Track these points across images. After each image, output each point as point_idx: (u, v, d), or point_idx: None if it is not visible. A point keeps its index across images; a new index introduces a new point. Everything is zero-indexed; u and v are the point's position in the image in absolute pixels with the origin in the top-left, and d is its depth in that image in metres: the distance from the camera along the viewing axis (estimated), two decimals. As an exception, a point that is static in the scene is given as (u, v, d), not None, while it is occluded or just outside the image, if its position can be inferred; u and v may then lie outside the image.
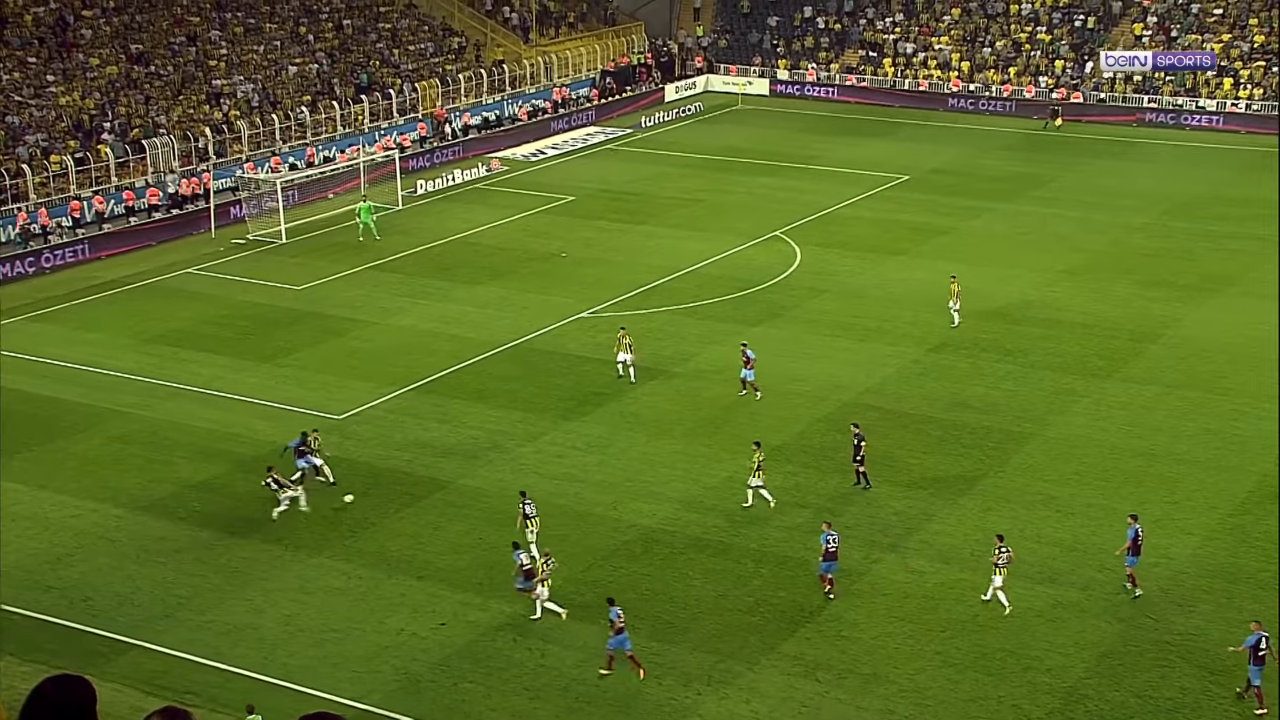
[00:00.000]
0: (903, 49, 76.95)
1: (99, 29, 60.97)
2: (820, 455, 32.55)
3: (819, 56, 78.22)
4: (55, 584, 26.88)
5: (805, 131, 68.79)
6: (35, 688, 4.71)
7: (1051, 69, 73.16)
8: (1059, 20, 75.30)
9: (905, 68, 75.94)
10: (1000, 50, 75.13)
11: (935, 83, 74.31)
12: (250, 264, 47.90)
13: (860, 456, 30.73)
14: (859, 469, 30.79)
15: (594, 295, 44.07)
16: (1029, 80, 72.74)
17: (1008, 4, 77.35)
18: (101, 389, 36.54)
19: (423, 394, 36.32)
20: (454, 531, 29.14)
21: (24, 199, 49.29)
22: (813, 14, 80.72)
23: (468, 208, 55.27)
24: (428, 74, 67.60)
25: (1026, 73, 73.40)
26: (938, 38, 76.97)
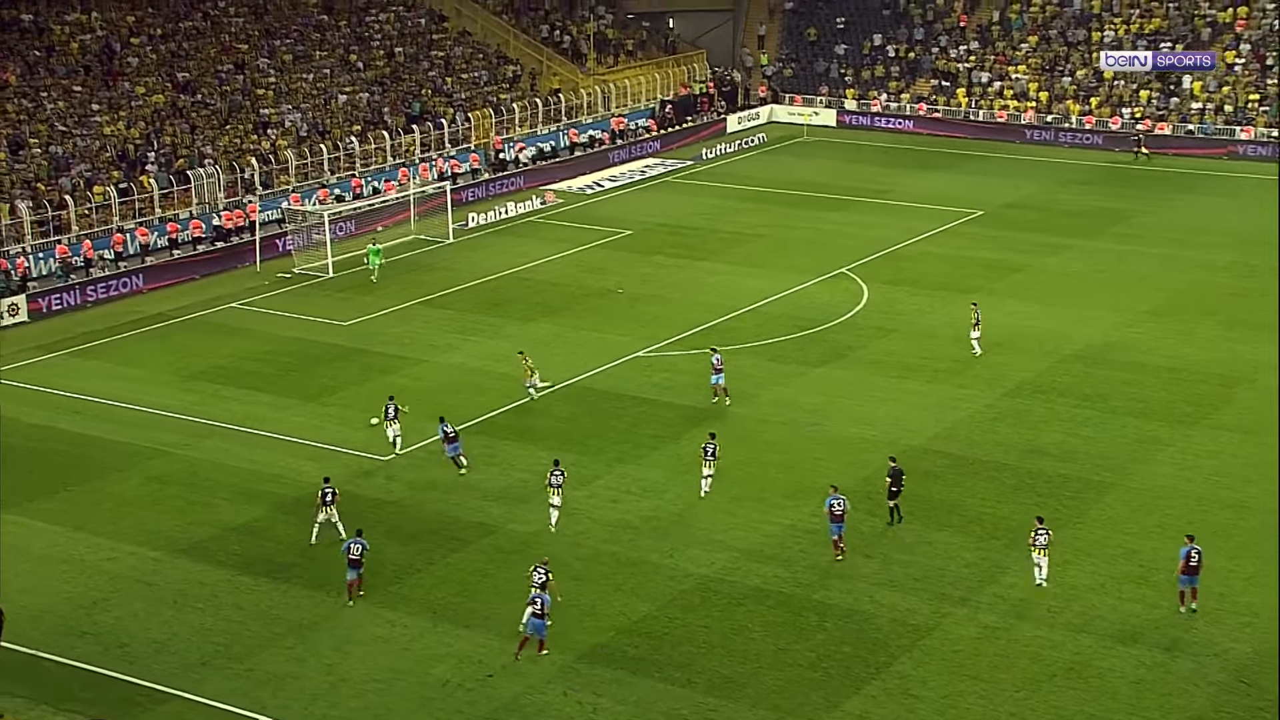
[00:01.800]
0: (977, 78, 76.80)
1: (145, 56, 62.29)
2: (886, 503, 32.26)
3: (889, 86, 78.25)
4: (90, 629, 27.19)
5: (873, 164, 68.75)
6: None
7: (1136, 99, 72.67)
8: (1144, 47, 74.78)
9: (980, 98, 75.77)
10: (1081, 80, 74.77)
11: (1012, 114, 74.05)
12: (296, 299, 48.51)
13: (897, 490, 31.01)
14: (893, 504, 31.10)
15: (651, 333, 44.15)
16: (1111, 111, 72.28)
17: (1089, 31, 77.03)
18: (141, 427, 37.06)
19: (472, 435, 36.48)
20: (502, 579, 29.18)
21: (66, 230, 50.29)
22: (883, 42, 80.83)
23: (521, 241, 55.69)
24: (481, 103, 68.37)
25: (1108, 103, 72.96)
26: (1014, 66, 76.76)
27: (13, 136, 53.81)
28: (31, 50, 59.31)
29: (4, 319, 45.31)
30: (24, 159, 53.13)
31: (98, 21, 62.55)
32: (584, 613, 27.67)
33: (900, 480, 31.30)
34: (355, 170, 60.16)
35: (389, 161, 61.46)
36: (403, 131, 63.37)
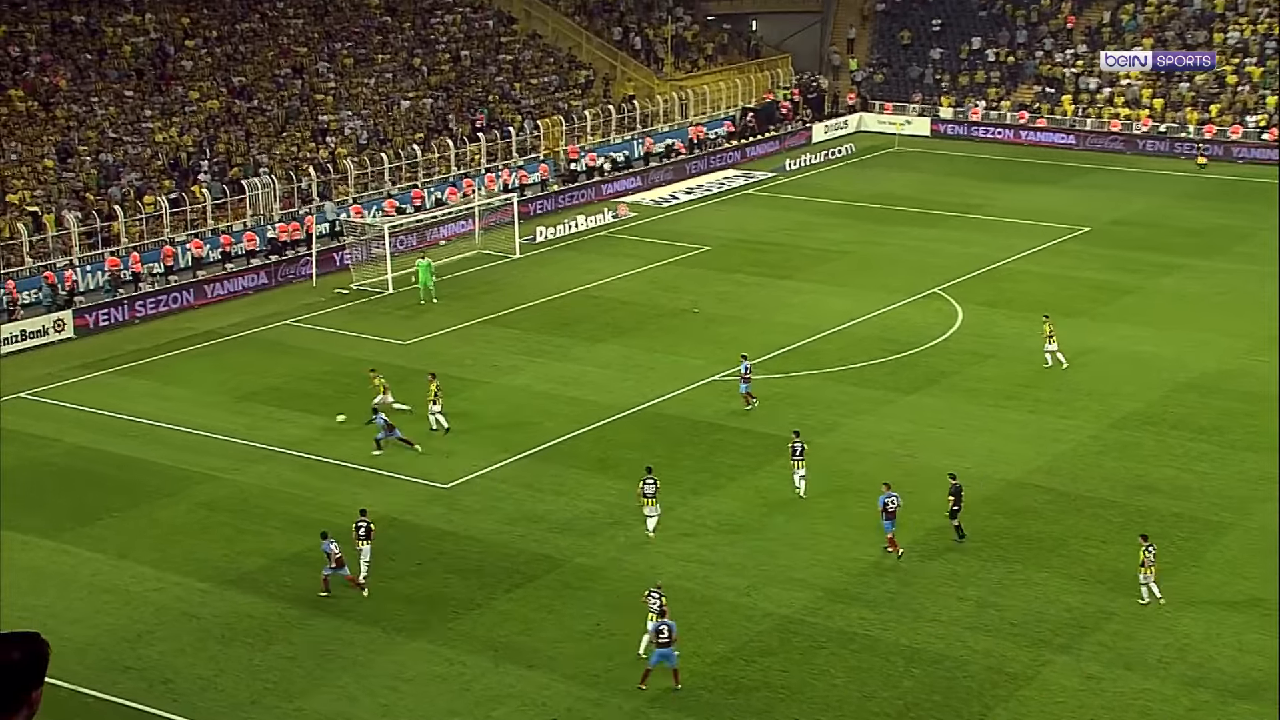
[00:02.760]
0: (1085, 84, 76.15)
1: (200, 60, 63.49)
2: (982, 541, 32.00)
3: (988, 93, 77.82)
4: (134, 664, 27.60)
5: (970, 177, 68.34)
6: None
7: (1263, 105, 71.58)
8: (1274, 50, 73.61)
9: (1088, 105, 75.10)
10: (1200, 85, 73.81)
11: (1123, 122, 73.30)
12: (353, 316, 49.09)
13: (958, 508, 31.58)
14: (954, 522, 31.65)
15: (729, 356, 44.11)
16: (1234, 119, 71.28)
17: (1211, 33, 76.05)
18: (190, 450, 37.65)
19: (538, 462, 36.68)
20: (568, 616, 29.27)
21: (115, 242, 51.29)
22: (982, 45, 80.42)
23: (591, 257, 55.96)
24: (551, 110, 68.88)
25: (1231, 110, 71.95)
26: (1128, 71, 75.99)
27: (62, 144, 55.05)
28: (83, 53, 60.68)
29: (50, 335, 46.25)
30: (73, 167, 54.32)
31: (151, 23, 63.87)
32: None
33: (960, 498, 31.79)
34: (417, 180, 60.85)
35: (453, 171, 62.09)
36: (468, 140, 64.01)
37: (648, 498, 32.24)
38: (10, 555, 31.88)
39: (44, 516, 33.64)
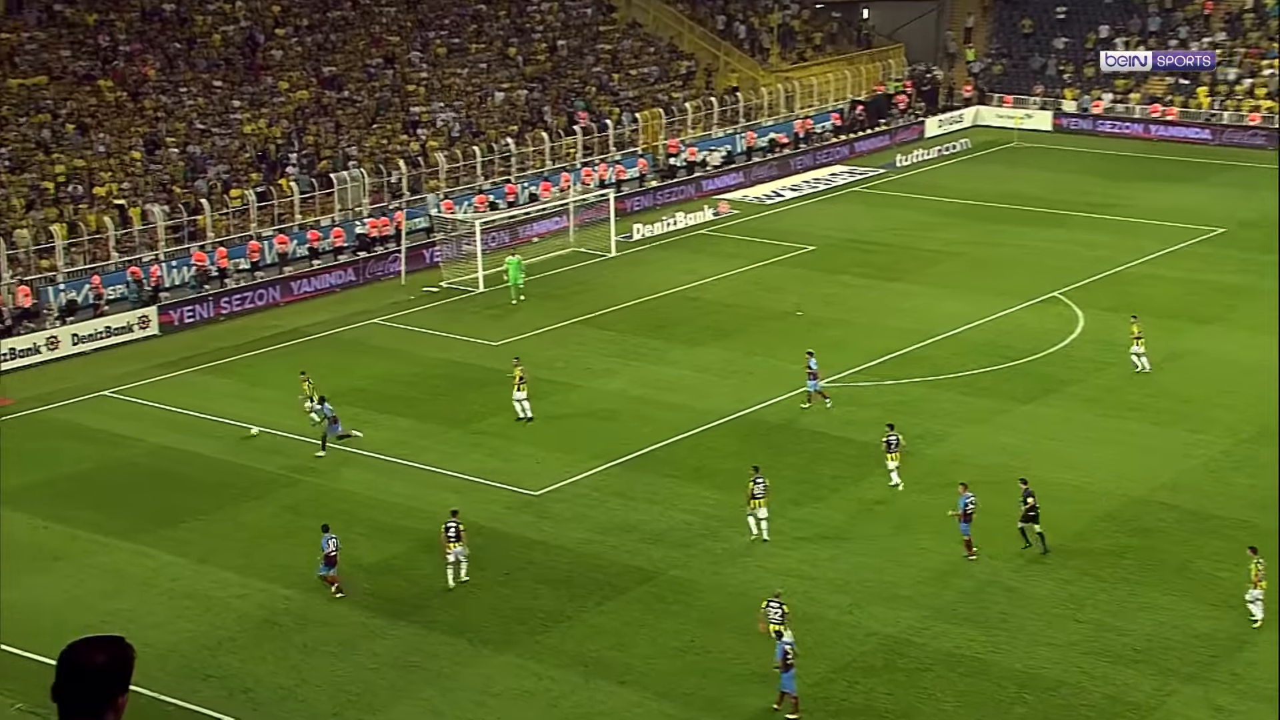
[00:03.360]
0: (1223, 75, 74.66)
1: (290, 49, 64.47)
2: (1101, 560, 31.53)
3: (1115, 84, 76.61)
4: (215, 672, 28.06)
5: (1094, 174, 67.35)
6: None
7: None
8: None
9: (1226, 98, 73.64)
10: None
11: (1265, 116, 71.75)
12: (443, 315, 49.54)
13: (1032, 515, 31.59)
14: (1023, 527, 31.76)
15: (834, 361, 43.88)
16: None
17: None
18: (274, 453, 38.22)
19: (631, 470, 36.75)
20: (662, 631, 29.28)
21: (201, 237, 52.24)
22: (1110, 34, 79.21)
23: (690, 256, 55.96)
24: (650, 102, 69.02)
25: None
26: (1270, 60, 74.33)
27: (149, 135, 56.19)
28: (172, 42, 61.89)
29: (134, 332, 47.20)
30: (160, 159, 55.42)
31: (241, 11, 64.98)
32: (752, 674, 27.57)
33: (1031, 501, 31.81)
34: (511, 175, 61.27)
35: (547, 166, 62.44)
36: (564, 133, 64.33)
37: (757, 499, 32.36)
38: (92, 557, 32.59)
39: (126, 518, 34.34)
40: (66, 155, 53.51)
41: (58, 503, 35.13)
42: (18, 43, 58.04)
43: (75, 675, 5.03)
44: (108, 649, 5.12)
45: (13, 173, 51.91)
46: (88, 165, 53.48)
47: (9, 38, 58.02)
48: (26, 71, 56.96)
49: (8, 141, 53.10)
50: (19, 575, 31.61)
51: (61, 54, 58.64)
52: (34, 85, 56.35)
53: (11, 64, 57.01)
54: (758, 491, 32.51)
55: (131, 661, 5.12)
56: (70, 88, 57.14)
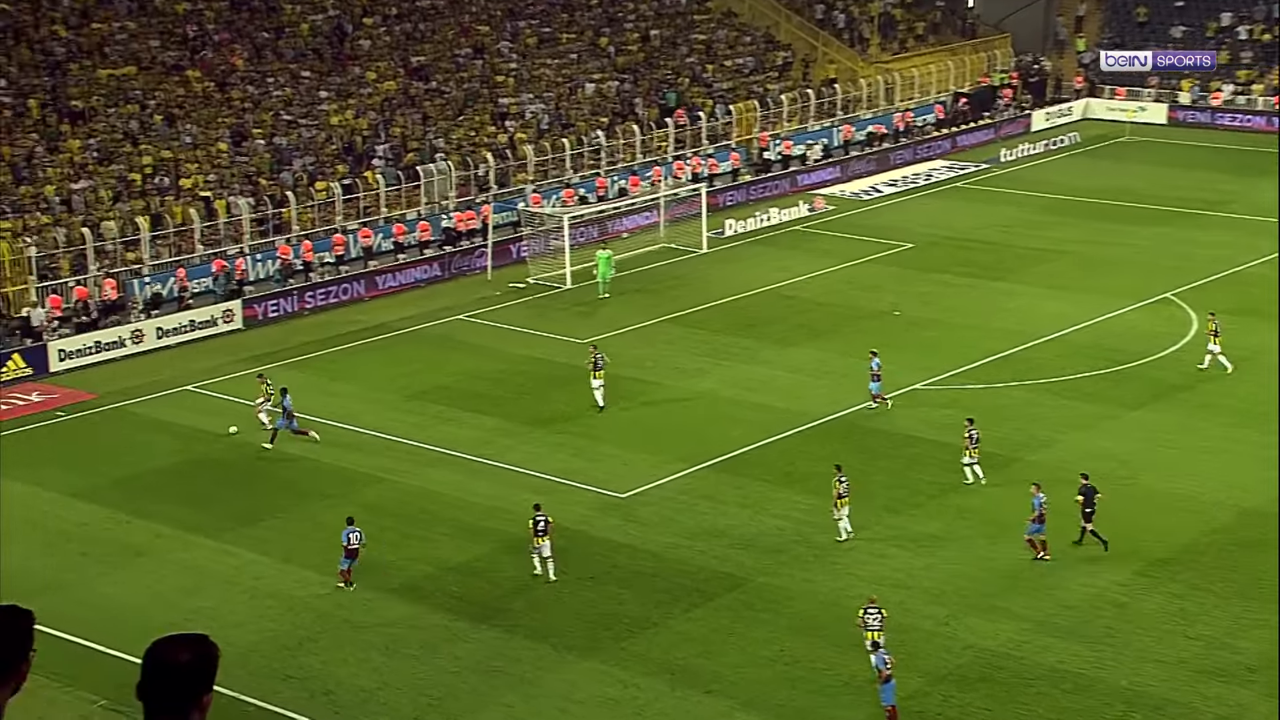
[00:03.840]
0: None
1: (378, 39, 65.17)
2: (1212, 574, 31.03)
3: (1237, 75, 75.29)
4: (295, 673, 28.43)
5: (1211, 170, 66.28)
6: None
7: None
8: None
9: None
10: None
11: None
12: (530, 312, 49.82)
13: (1090, 511, 31.85)
14: (1086, 527, 31.92)
15: (931, 363, 43.57)
16: None
17: None
18: (356, 450, 38.65)
19: (720, 473, 36.74)
20: (751, 639, 29.25)
21: (286, 230, 52.94)
22: (1233, 21, 77.86)
23: (784, 253, 55.83)
24: (745, 94, 68.92)
25: None
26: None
27: (236, 126, 57.05)
28: (260, 32, 62.80)
29: (218, 325, 47.93)
30: (246, 151, 56.25)
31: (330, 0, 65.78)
32: (843, 685, 27.47)
33: (1093, 500, 31.95)
34: (600, 169, 61.46)
35: (638, 159, 62.55)
36: (655, 125, 64.42)
37: (844, 498, 32.60)
38: (174, 554, 33.17)
39: (208, 514, 34.90)
40: (154, 146, 54.48)
41: (141, 498, 35.79)
42: (108, 33, 59.17)
43: (161, 673, 5.11)
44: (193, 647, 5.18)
45: (101, 164, 52.95)
46: (174, 156, 54.41)
47: (100, 28, 59.16)
48: (116, 62, 58.05)
49: (96, 133, 54.17)
50: (101, 571, 32.27)
51: (151, 44, 59.69)
52: (123, 76, 57.42)
53: (101, 54, 58.14)
54: (843, 490, 32.63)
55: (216, 660, 5.20)
56: (159, 78, 58.15)
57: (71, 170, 52.15)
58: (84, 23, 59.09)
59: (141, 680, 5.11)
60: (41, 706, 25.81)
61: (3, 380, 42.52)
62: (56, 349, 44.49)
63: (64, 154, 52.70)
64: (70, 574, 32.07)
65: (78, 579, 31.84)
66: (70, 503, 35.57)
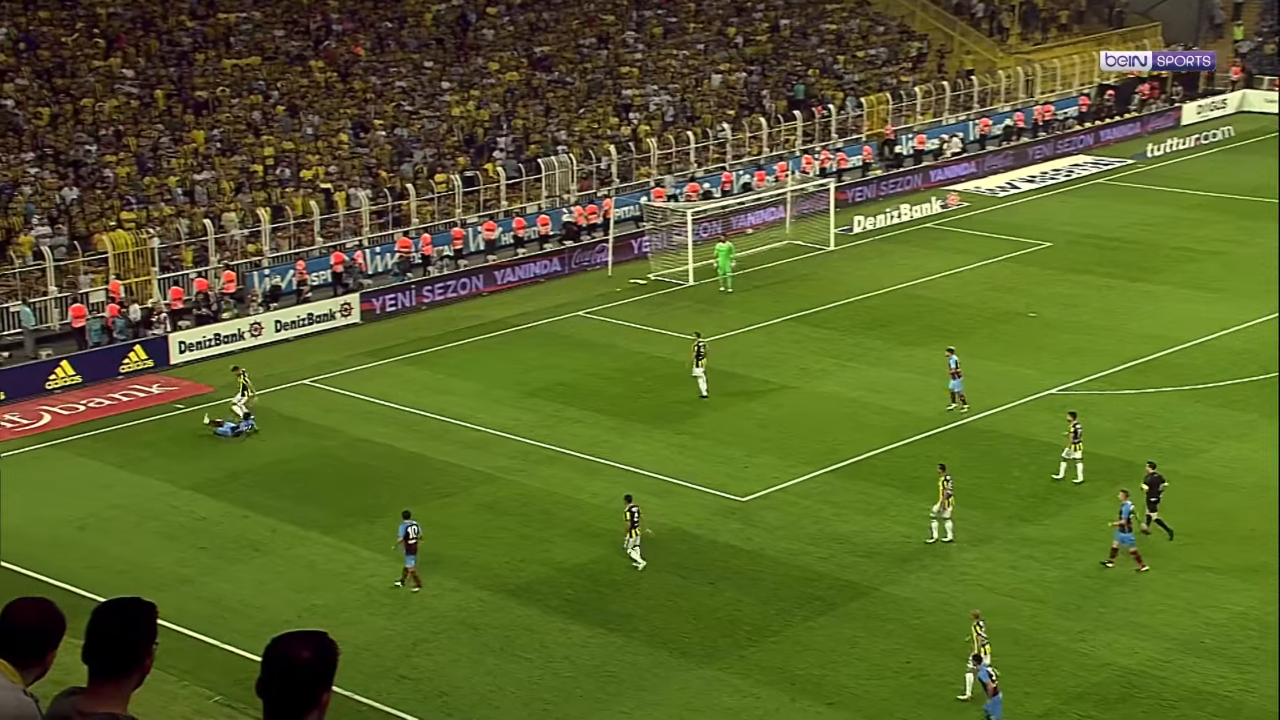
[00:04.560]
0: None
1: (501, 29, 65.80)
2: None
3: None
4: (409, 674, 28.83)
5: (1374, 165, 64.49)
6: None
7: None
8: None
9: None
10: None
11: None
12: (651, 309, 49.99)
13: (1155, 500, 32.57)
14: (1151, 516, 32.49)
15: (1069, 367, 42.99)
16: None
17: None
18: (472, 448, 39.08)
19: (845, 477, 36.60)
20: (875, 650, 29.13)
21: (406, 223, 53.67)
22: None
23: (915, 251, 55.43)
24: (877, 86, 68.52)
25: None
26: None
27: (357, 118, 57.97)
28: (384, 21, 63.72)
29: (336, 319, 48.72)
30: (367, 142, 57.14)
31: (455, -11, 66.59)
32: (972, 700, 27.23)
33: (1158, 489, 32.57)
34: (725, 162, 61.47)
35: (764, 153, 62.46)
36: (782, 118, 64.29)
37: (946, 496, 32.76)
38: (290, 550, 33.80)
39: (325, 511, 35.51)
40: (275, 137, 55.54)
41: (258, 492, 36.52)
42: (234, 23, 60.44)
43: (282, 670, 5.21)
44: (314, 645, 5.28)
45: (224, 155, 54.10)
46: (295, 148, 55.42)
47: (225, 18, 60.45)
48: (241, 52, 59.30)
49: (220, 123, 55.36)
50: (218, 565, 32.98)
51: (275, 34, 60.87)
52: (247, 66, 58.61)
53: (226, 44, 59.40)
54: (947, 489, 32.79)
55: (337, 658, 5.31)
56: (282, 68, 59.27)
57: (195, 161, 53.35)
58: (210, 13, 60.40)
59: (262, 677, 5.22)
60: (159, 700, 26.46)
61: (125, 372, 43.59)
62: (177, 341, 45.56)
63: (188, 145, 53.92)
64: (188, 568, 32.83)
65: (195, 573, 32.59)
66: (189, 496, 36.41)
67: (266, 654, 5.25)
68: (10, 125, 51.79)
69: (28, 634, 5.41)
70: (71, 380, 43.27)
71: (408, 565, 31.65)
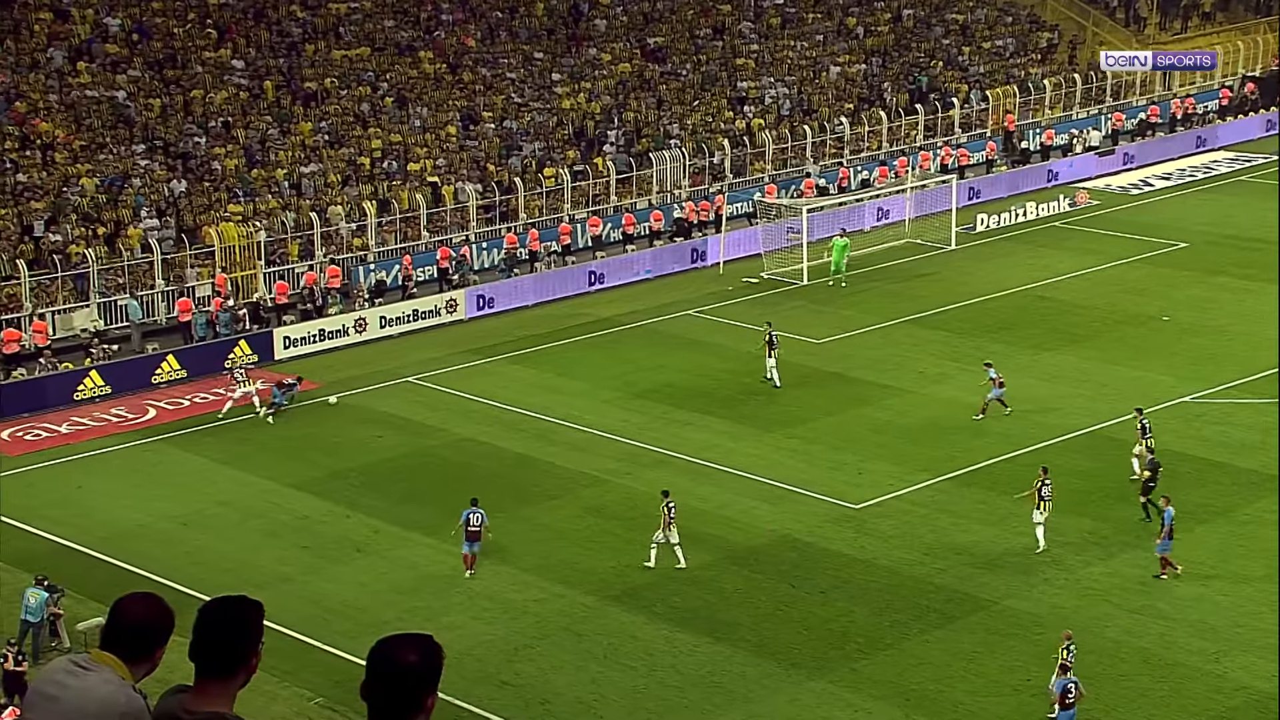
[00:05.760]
0: None
1: (614, 19, 66.07)
2: None
3: None
4: (512, 680, 29.08)
5: None
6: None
7: None
8: None
9: None
10: None
11: None
12: (763, 308, 49.88)
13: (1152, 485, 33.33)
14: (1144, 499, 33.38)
15: (1204, 374, 42.36)
16: None
17: None
18: (578, 449, 39.31)
19: (964, 485, 36.35)
20: (993, 666, 28.92)
21: (513, 218, 54.10)
22: None
23: (1041, 251, 54.87)
24: (1004, 78, 67.88)
25: None
26: None
27: (466, 110, 58.53)
28: (494, 11, 64.27)
29: (441, 316, 49.22)
30: (475, 135, 57.67)
31: (567, -22, 66.97)
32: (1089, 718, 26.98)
33: (1157, 474, 33.43)
34: (843, 158, 61.24)
35: (884, 148, 62.15)
36: (904, 112, 63.91)
37: (1045, 500, 32.78)
38: (393, 551, 34.23)
39: (427, 511, 35.88)
40: (383, 130, 56.25)
41: (360, 491, 37.02)
42: (344, 13, 61.29)
43: (387, 674, 5.26)
44: (420, 648, 5.32)
45: (331, 147, 54.90)
46: (403, 140, 56.09)
47: (336, 7, 61.31)
48: (350, 43, 60.11)
49: (328, 115, 56.17)
50: (320, 565, 33.50)
51: (385, 24, 61.62)
52: (356, 57, 59.43)
53: (336, 35, 60.26)
54: (1045, 493, 32.64)
55: (442, 662, 5.36)
56: (391, 59, 60.01)
57: (302, 153, 54.20)
58: (321, 3, 61.29)
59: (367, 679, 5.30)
60: (259, 700, 26.95)
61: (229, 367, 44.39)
62: (282, 335, 46.32)
63: (295, 136, 54.79)
64: (289, 567, 33.39)
65: (297, 572, 33.13)
66: (291, 494, 37.01)
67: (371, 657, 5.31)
68: (121, 117, 52.97)
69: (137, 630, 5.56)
70: (178, 374, 44.15)
71: (464, 551, 32.60)
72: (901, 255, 54.87)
